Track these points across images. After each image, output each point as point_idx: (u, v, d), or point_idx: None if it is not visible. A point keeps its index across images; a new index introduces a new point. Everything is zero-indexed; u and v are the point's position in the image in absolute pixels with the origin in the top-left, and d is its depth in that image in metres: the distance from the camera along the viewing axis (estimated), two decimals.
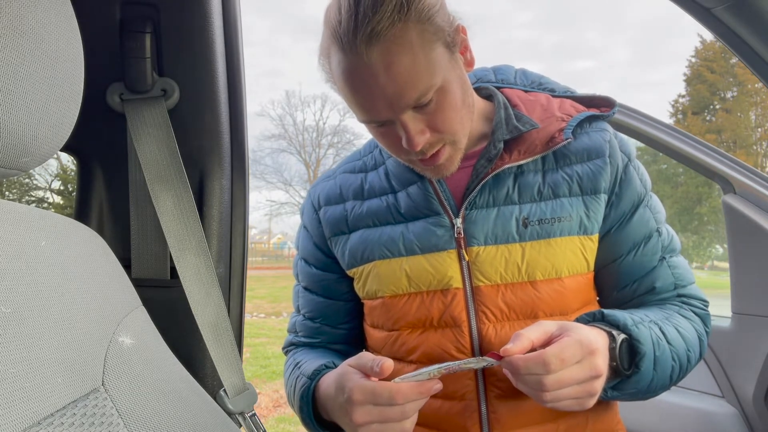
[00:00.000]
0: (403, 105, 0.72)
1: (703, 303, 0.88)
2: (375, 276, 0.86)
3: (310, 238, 0.96)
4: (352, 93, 0.73)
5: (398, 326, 0.86)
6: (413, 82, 0.71)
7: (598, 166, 0.83)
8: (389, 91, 0.70)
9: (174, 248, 0.91)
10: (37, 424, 0.44)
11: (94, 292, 0.55)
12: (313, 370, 0.84)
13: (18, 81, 0.45)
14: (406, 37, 0.69)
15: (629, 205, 0.85)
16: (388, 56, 0.69)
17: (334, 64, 0.73)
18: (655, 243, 0.85)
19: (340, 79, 0.73)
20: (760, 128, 19.53)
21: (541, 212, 0.81)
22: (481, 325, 0.80)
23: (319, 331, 0.97)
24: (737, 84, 19.17)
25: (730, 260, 1.52)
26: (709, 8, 0.68)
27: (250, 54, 43.33)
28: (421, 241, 0.83)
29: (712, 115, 20.07)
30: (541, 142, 0.83)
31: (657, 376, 0.76)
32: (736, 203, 1.47)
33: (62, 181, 4.40)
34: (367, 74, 0.70)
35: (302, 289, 0.98)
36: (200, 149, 1.00)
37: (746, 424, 1.47)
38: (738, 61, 0.73)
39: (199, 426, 0.61)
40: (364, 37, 0.68)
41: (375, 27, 0.68)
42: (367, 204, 0.89)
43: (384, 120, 0.75)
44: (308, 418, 0.83)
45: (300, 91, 42.85)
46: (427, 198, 0.85)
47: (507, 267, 0.81)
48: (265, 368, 5.62)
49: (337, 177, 0.96)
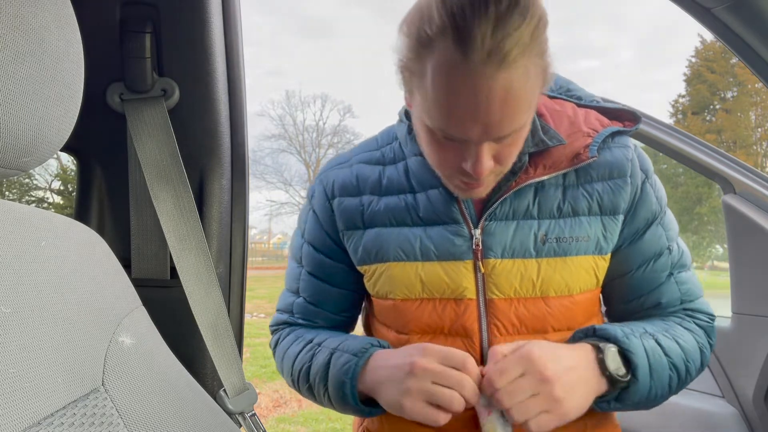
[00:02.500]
0: (496, 133, 0.69)
1: (708, 317, 0.88)
2: (388, 277, 0.85)
3: (319, 225, 0.92)
4: (453, 103, 0.67)
5: (408, 330, 0.85)
6: (518, 115, 0.68)
7: (619, 185, 0.83)
8: (493, 117, 0.66)
9: (174, 248, 0.91)
10: (37, 424, 0.44)
11: (94, 292, 0.55)
12: (360, 347, 0.82)
13: (18, 81, 0.45)
14: (529, 71, 0.66)
15: (643, 222, 0.85)
16: (511, 84, 0.65)
17: (439, 66, 0.66)
18: (665, 260, 0.86)
19: (444, 83, 0.66)
20: (760, 128, 19.53)
21: (559, 230, 0.81)
22: (493, 338, 0.80)
23: (320, 316, 0.95)
24: (737, 84, 19.17)
25: (730, 260, 1.52)
26: (709, 8, 0.68)
27: (252, 54, 43.38)
28: (438, 248, 0.82)
29: (712, 115, 20.07)
30: (567, 158, 0.81)
31: (655, 386, 0.77)
32: (736, 203, 1.47)
33: (62, 181, 4.40)
34: (482, 93, 0.65)
35: (305, 273, 0.94)
36: (200, 149, 1.00)
37: (746, 424, 1.47)
38: (738, 61, 0.73)
39: (199, 426, 0.61)
40: (497, 58, 0.63)
41: (511, 51, 0.63)
42: (385, 201, 0.86)
43: (463, 138, 0.70)
44: (351, 394, 0.80)
45: (300, 91, 42.86)
46: (448, 205, 0.83)
47: (522, 282, 0.80)
48: (265, 368, 5.62)
49: (353, 166, 0.91)
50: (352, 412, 0.84)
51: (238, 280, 1.07)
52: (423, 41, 0.67)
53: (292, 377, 0.90)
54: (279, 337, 0.97)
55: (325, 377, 0.83)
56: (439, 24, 0.64)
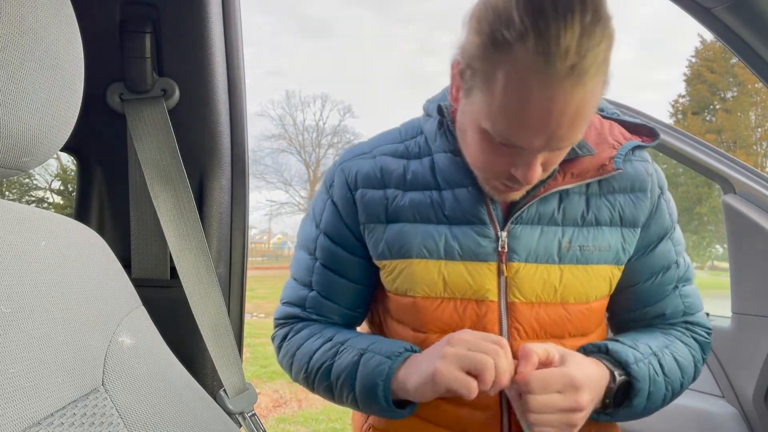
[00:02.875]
0: (557, 145, 0.69)
1: (706, 331, 0.91)
2: (409, 274, 0.83)
3: (339, 216, 0.89)
4: (523, 111, 0.66)
5: (426, 329, 0.84)
6: (581, 130, 0.69)
7: (639, 199, 0.85)
8: (560, 130, 0.66)
9: (174, 248, 0.91)
10: (37, 424, 0.44)
11: (94, 292, 0.55)
12: (395, 350, 0.81)
13: (18, 81, 0.45)
14: (597, 88, 0.66)
15: (655, 237, 0.87)
16: (582, 99, 0.65)
17: (515, 71, 0.64)
18: (673, 273, 0.88)
19: (518, 90, 0.65)
20: (760, 128, 19.53)
21: (583, 238, 0.82)
22: (513, 341, 0.81)
23: (336, 311, 0.92)
24: (737, 84, 19.16)
25: (730, 260, 1.52)
26: (709, 8, 0.68)
27: (252, 54, 43.38)
28: (462, 248, 0.81)
29: (712, 115, 20.07)
30: (593, 167, 0.82)
31: (648, 405, 0.81)
32: (736, 203, 1.47)
33: (62, 181, 4.40)
34: (556, 105, 0.64)
35: (320, 266, 0.91)
36: (200, 149, 1.00)
37: (746, 424, 1.47)
38: (738, 61, 0.73)
39: (199, 426, 0.61)
40: (578, 72, 0.62)
41: (591, 67, 0.63)
42: (409, 196, 0.85)
43: (523, 146, 0.69)
44: (384, 396, 0.79)
45: (300, 91, 42.86)
46: (476, 205, 0.82)
47: (544, 287, 0.81)
48: (265, 368, 5.62)
49: (376, 157, 0.88)
50: (379, 413, 0.83)
51: (238, 280, 1.07)
52: (498, 43, 0.65)
53: (306, 373, 0.88)
54: (288, 332, 0.94)
55: (352, 378, 0.82)
56: (520, 28, 0.62)
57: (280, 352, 0.95)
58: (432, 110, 0.88)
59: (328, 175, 0.92)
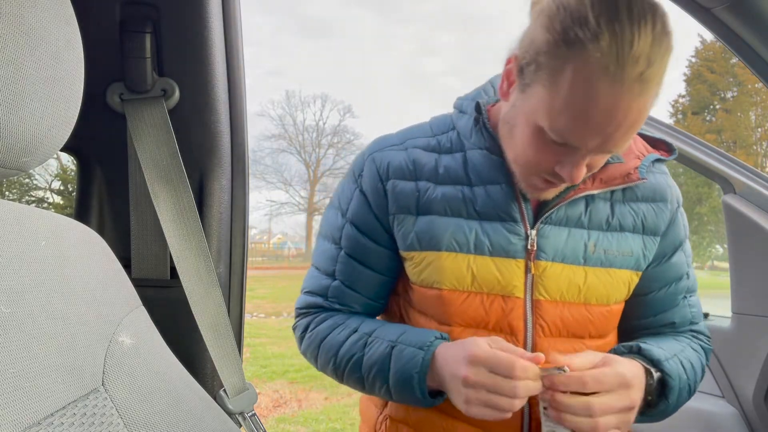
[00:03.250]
0: (610, 148, 0.71)
1: (708, 339, 0.95)
2: (438, 267, 0.84)
3: (368, 206, 0.89)
4: (587, 110, 0.67)
5: (451, 321, 0.85)
6: (633, 135, 0.71)
7: (661, 209, 0.88)
8: (617, 133, 0.68)
9: (174, 248, 0.91)
10: (37, 424, 0.44)
11: (94, 292, 0.55)
12: (425, 340, 0.81)
13: (18, 81, 0.45)
14: (653, 93, 0.68)
15: (670, 248, 0.90)
16: (642, 106, 0.67)
17: (585, 70, 0.65)
18: (683, 284, 0.92)
19: (585, 89, 0.66)
20: (760, 128, 19.53)
21: (607, 242, 0.85)
22: (537, 338, 0.83)
23: (358, 301, 0.92)
24: (737, 84, 19.17)
25: (730, 260, 1.52)
26: (709, 8, 0.68)
27: (252, 54, 43.37)
28: (492, 244, 0.83)
29: (712, 115, 20.07)
30: (620, 175, 0.85)
31: (675, 405, 0.83)
32: (736, 203, 1.47)
33: (62, 181, 4.40)
34: (620, 109, 0.66)
35: (344, 255, 0.91)
36: (200, 149, 1.00)
37: (746, 424, 1.47)
38: (738, 61, 0.73)
39: (199, 426, 0.61)
40: (645, 78, 0.65)
41: (656, 76, 0.66)
42: (441, 189, 0.85)
43: (576, 146, 0.71)
44: (419, 388, 0.80)
45: (300, 91, 42.88)
46: (508, 202, 0.83)
47: (569, 286, 0.83)
48: (265, 368, 5.62)
49: (408, 150, 0.89)
50: (415, 402, 0.83)
51: (238, 280, 1.07)
52: (570, 41, 0.66)
53: (335, 366, 0.88)
54: (309, 322, 0.94)
55: (385, 370, 0.82)
56: (595, 29, 0.64)
57: (303, 342, 0.95)
58: (466, 107, 0.89)
59: (356, 165, 0.93)
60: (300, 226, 29.93)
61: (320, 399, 4.72)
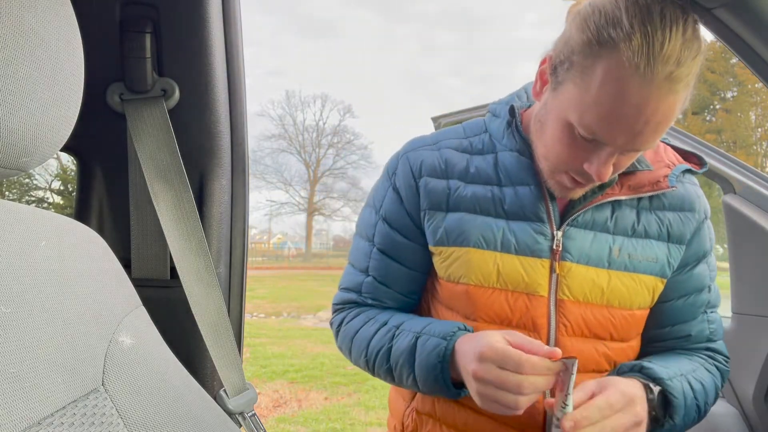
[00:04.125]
0: (638, 146, 0.73)
1: (725, 359, 0.93)
2: (465, 262, 0.86)
3: (401, 203, 0.93)
4: (615, 108, 0.69)
5: (476, 317, 0.86)
6: (660, 135, 0.72)
7: (688, 218, 0.89)
8: (644, 132, 0.70)
9: (174, 248, 0.91)
10: (37, 424, 0.44)
11: (94, 292, 0.55)
12: (448, 331, 0.83)
13: (18, 81, 0.45)
14: (682, 95, 0.70)
15: (694, 258, 0.91)
16: (671, 106, 0.69)
17: (617, 69, 0.68)
18: (704, 297, 0.91)
19: (616, 87, 0.69)
20: (760, 128, 19.53)
21: (632, 248, 0.86)
22: (560, 336, 0.84)
23: (390, 296, 0.95)
24: (737, 84, 19.17)
25: (730, 260, 1.52)
26: (709, 8, 0.67)
27: (253, 54, 43.39)
28: (519, 243, 0.85)
29: (712, 115, 20.07)
30: (649, 182, 0.86)
31: (682, 426, 0.83)
32: (736, 203, 1.47)
33: (62, 181, 4.40)
34: (648, 107, 0.68)
35: (377, 252, 0.94)
36: (200, 149, 1.00)
37: (746, 424, 1.47)
38: (738, 61, 0.73)
39: (199, 426, 0.61)
40: (674, 79, 0.67)
41: (685, 78, 0.68)
42: (471, 188, 0.88)
43: (605, 143, 0.73)
44: (442, 378, 0.81)
45: (300, 91, 42.88)
46: (536, 203, 0.85)
47: (592, 288, 0.84)
48: (265, 368, 5.62)
49: (441, 150, 0.92)
50: (441, 393, 0.85)
51: (238, 280, 1.07)
52: (603, 41, 0.69)
53: (366, 358, 0.91)
54: (344, 317, 0.97)
55: (411, 360, 0.84)
56: (628, 30, 0.67)
57: (338, 337, 0.98)
58: (500, 111, 0.93)
59: (391, 164, 0.96)
60: (300, 226, 29.97)
61: (320, 399, 4.72)
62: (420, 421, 0.94)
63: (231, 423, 0.68)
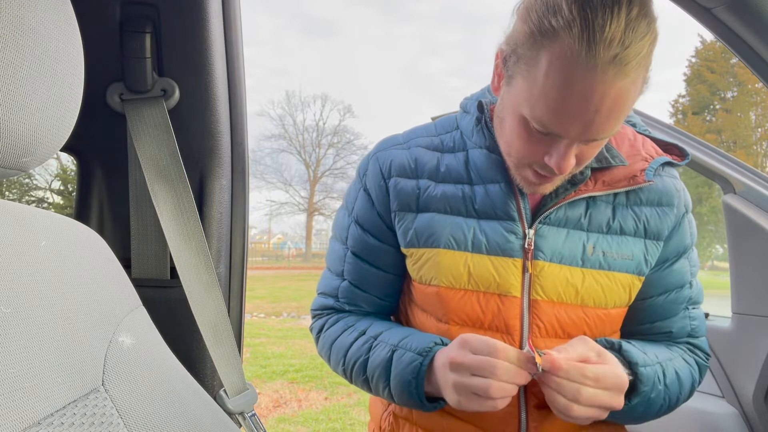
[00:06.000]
0: (593, 135, 0.70)
1: (706, 356, 0.92)
2: (435, 264, 0.85)
3: (371, 205, 0.91)
4: (563, 98, 0.67)
5: (448, 319, 0.85)
6: (617, 122, 0.70)
7: (666, 213, 0.86)
8: (597, 120, 0.68)
9: (174, 248, 0.91)
10: (37, 424, 0.44)
11: (94, 292, 0.55)
12: (425, 346, 0.82)
13: (18, 81, 0.45)
14: (637, 82, 0.68)
15: (674, 253, 0.88)
16: (622, 91, 0.66)
17: (559, 58, 0.66)
18: (685, 293, 0.90)
19: (560, 77, 0.66)
20: (760, 128, 19.53)
21: (606, 245, 0.84)
22: (534, 338, 0.82)
23: (367, 300, 0.94)
24: (737, 84, 19.17)
25: (730, 260, 1.52)
26: (709, 8, 0.67)
27: (254, 53, 43.40)
28: (489, 242, 0.83)
29: (712, 115, 20.08)
30: (624, 177, 0.84)
31: (645, 411, 0.82)
32: (736, 203, 1.47)
33: (62, 181, 4.40)
34: (596, 94, 0.66)
35: (351, 255, 0.93)
36: (200, 149, 1.00)
37: (746, 424, 1.47)
38: (738, 61, 0.73)
39: (199, 426, 0.61)
40: (620, 63, 0.64)
41: (633, 60, 0.64)
42: (441, 188, 0.86)
43: (558, 134, 0.71)
44: (417, 393, 0.81)
45: (300, 91, 42.87)
46: (506, 201, 0.84)
47: (566, 288, 0.82)
48: (265, 368, 5.62)
49: (411, 148, 0.91)
50: (415, 407, 0.84)
51: (238, 280, 1.07)
52: (544, 31, 0.67)
53: (344, 367, 0.90)
54: (324, 323, 0.96)
55: (386, 374, 0.84)
56: (568, 17, 0.65)
57: (318, 343, 0.98)
58: (470, 107, 0.90)
59: (362, 165, 0.95)
60: (300, 226, 29.96)
61: (320, 399, 4.72)
62: (397, 424, 0.93)
63: (231, 423, 0.68)
